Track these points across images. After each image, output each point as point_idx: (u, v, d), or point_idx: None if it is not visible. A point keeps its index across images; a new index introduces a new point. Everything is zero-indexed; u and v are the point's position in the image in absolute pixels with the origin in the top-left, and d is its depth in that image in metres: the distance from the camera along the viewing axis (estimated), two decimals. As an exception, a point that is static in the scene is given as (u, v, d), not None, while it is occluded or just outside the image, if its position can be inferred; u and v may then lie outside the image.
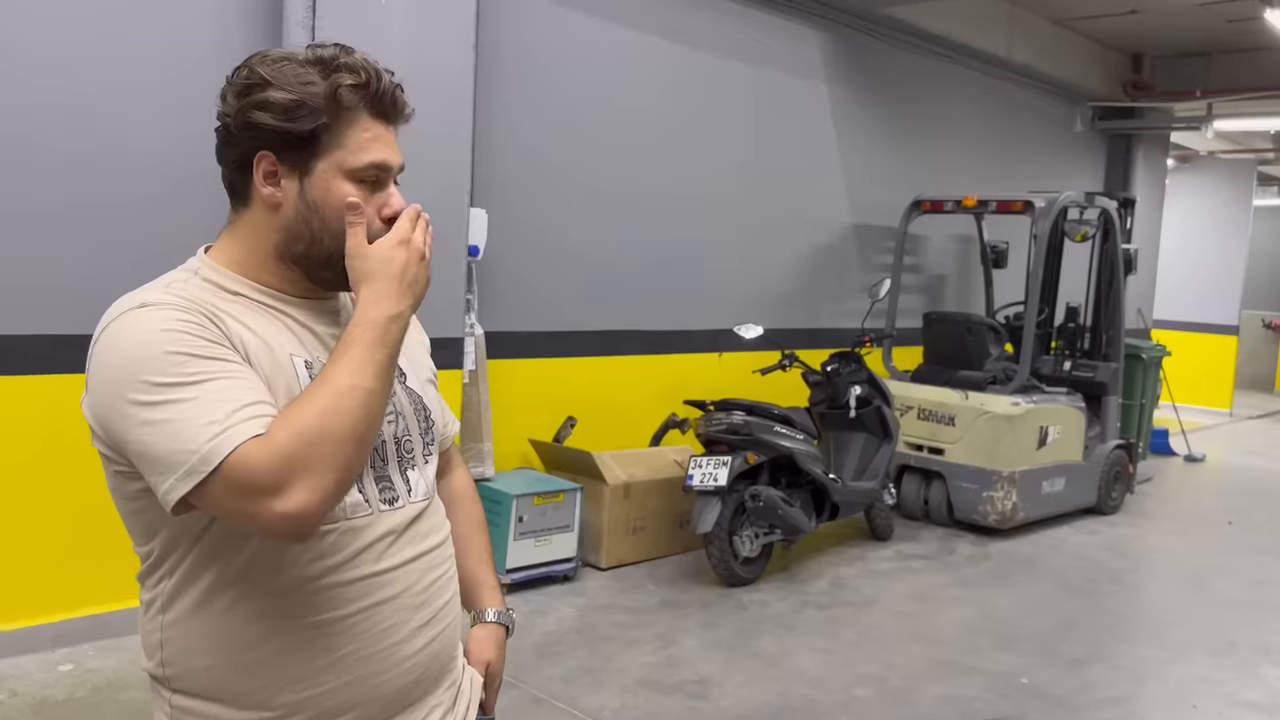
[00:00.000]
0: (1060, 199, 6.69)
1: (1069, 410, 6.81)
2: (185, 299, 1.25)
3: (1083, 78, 9.32)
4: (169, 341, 1.17)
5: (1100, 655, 4.56)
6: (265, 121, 1.27)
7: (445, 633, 1.45)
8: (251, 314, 1.31)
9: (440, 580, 1.44)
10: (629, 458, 5.51)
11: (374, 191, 1.33)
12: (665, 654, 4.27)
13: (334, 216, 1.31)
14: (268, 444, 1.13)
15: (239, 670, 1.30)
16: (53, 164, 3.77)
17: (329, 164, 1.30)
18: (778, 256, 6.94)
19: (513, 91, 5.26)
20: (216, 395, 1.16)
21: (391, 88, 1.33)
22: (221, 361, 1.20)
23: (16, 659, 3.75)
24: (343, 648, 1.32)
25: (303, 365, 1.31)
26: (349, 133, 1.30)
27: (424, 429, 1.46)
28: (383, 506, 1.36)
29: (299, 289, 1.37)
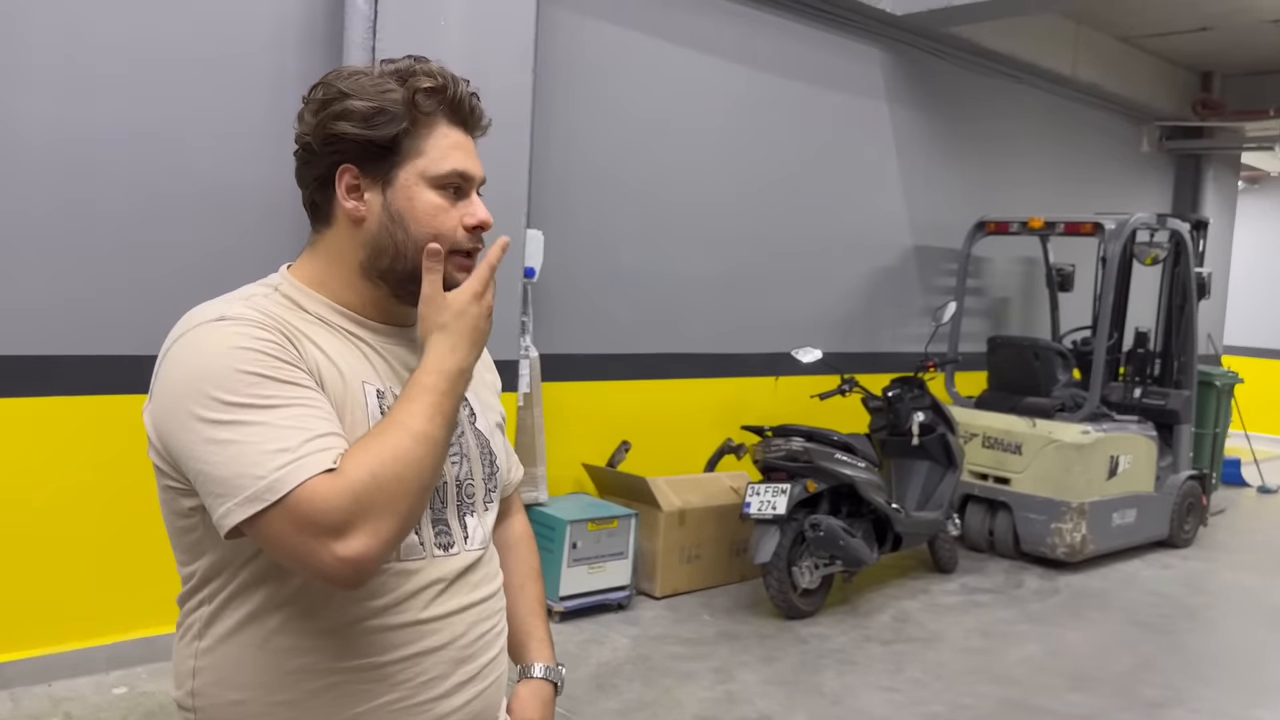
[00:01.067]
0: (1131, 220, 6.49)
1: (1140, 439, 6.58)
2: (264, 314, 1.21)
3: (1150, 97, 9.09)
4: (244, 360, 1.14)
5: (1180, 698, 4.34)
6: (347, 131, 1.25)
7: (488, 691, 1.37)
8: (327, 337, 1.27)
9: (488, 635, 1.37)
10: (684, 483, 5.40)
11: (456, 200, 1.30)
12: (724, 689, 4.14)
13: (418, 227, 1.27)
14: (340, 480, 1.09)
15: (269, 709, 1.23)
16: (116, 190, 3.78)
17: (411, 172, 1.27)
18: (837, 279, 6.81)
19: (570, 112, 5.21)
20: (289, 422, 1.12)
21: (468, 94, 1.32)
22: (296, 386, 1.16)
23: (72, 681, 3.73)
24: (381, 696, 1.25)
25: (374, 394, 1.26)
26: (430, 139, 1.28)
27: (488, 474, 1.41)
28: (437, 551, 1.30)
29: (380, 312, 1.33)
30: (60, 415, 3.71)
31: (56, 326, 3.68)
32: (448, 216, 1.29)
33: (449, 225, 1.29)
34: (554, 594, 4.75)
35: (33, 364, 3.65)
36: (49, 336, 3.67)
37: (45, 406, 3.67)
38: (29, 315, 3.63)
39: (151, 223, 3.86)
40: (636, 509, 5.10)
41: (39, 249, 3.64)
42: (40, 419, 3.66)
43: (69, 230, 3.69)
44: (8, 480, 3.61)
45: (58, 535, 3.73)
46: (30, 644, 3.70)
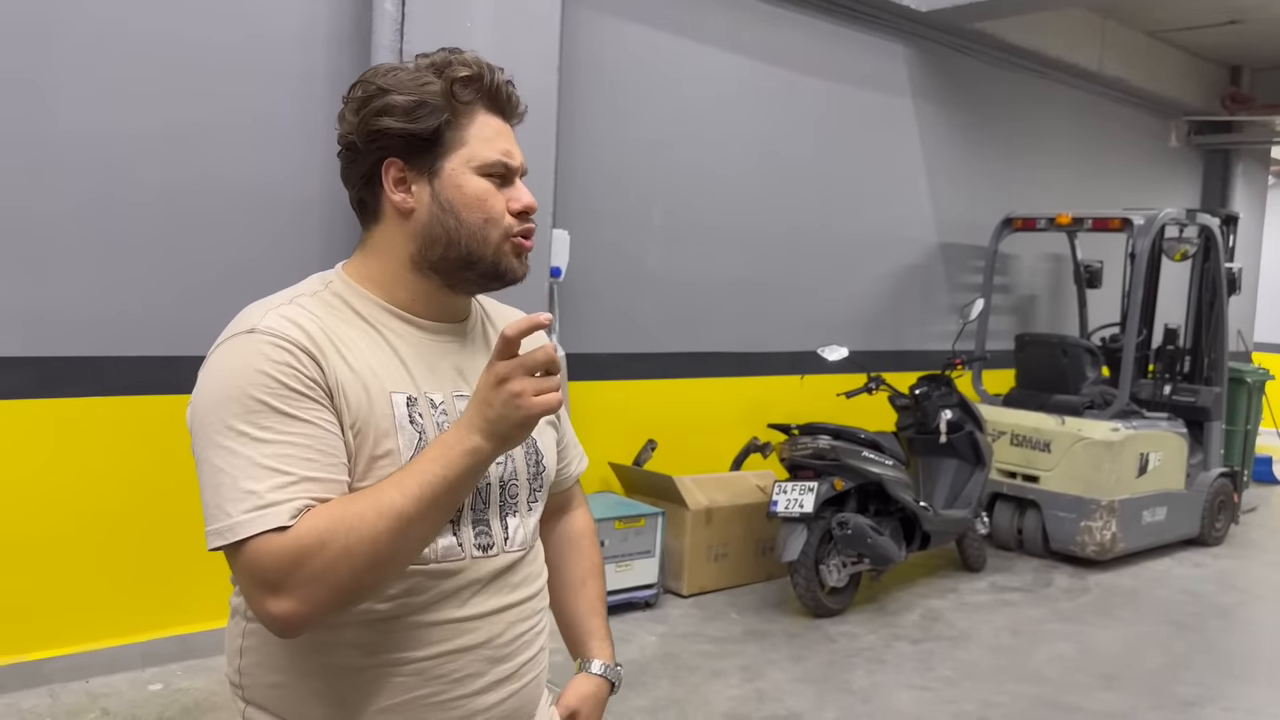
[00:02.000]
0: (1160, 216, 6.43)
1: (1170, 436, 6.52)
2: (296, 324, 1.22)
3: (1178, 91, 8.99)
4: (257, 384, 1.16)
5: (1214, 697, 4.30)
6: (389, 126, 1.26)
7: (525, 690, 1.38)
8: (364, 343, 1.27)
9: (526, 635, 1.38)
10: (710, 482, 5.40)
11: (502, 187, 1.31)
12: (752, 686, 4.14)
13: (469, 212, 1.28)
14: (285, 540, 1.11)
15: (305, 696, 1.26)
16: (147, 193, 3.83)
17: (457, 161, 1.29)
18: (863, 277, 6.79)
19: (595, 112, 5.23)
20: (270, 461, 1.13)
21: (504, 82, 1.33)
22: (296, 420, 1.16)
23: (108, 677, 3.78)
24: (415, 690, 1.27)
25: (404, 402, 1.26)
26: (471, 128, 1.30)
27: (533, 474, 1.40)
28: (476, 553, 1.30)
29: (431, 306, 1.34)
30: (99, 415, 3.76)
31: (94, 328, 3.74)
32: (496, 200, 1.30)
33: (498, 209, 1.30)
34: (582, 592, 4.76)
35: (72, 365, 3.70)
36: (88, 337, 3.72)
37: (84, 407, 3.72)
38: (67, 316, 3.68)
39: (182, 225, 3.91)
40: (663, 507, 5.10)
41: (72, 251, 3.69)
42: (79, 419, 3.71)
43: (102, 233, 3.75)
44: (49, 480, 3.66)
45: (96, 534, 3.78)
46: (68, 641, 3.75)
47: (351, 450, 1.21)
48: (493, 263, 1.31)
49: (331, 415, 1.19)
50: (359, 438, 1.21)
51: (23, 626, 3.66)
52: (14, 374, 3.60)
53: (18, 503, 3.62)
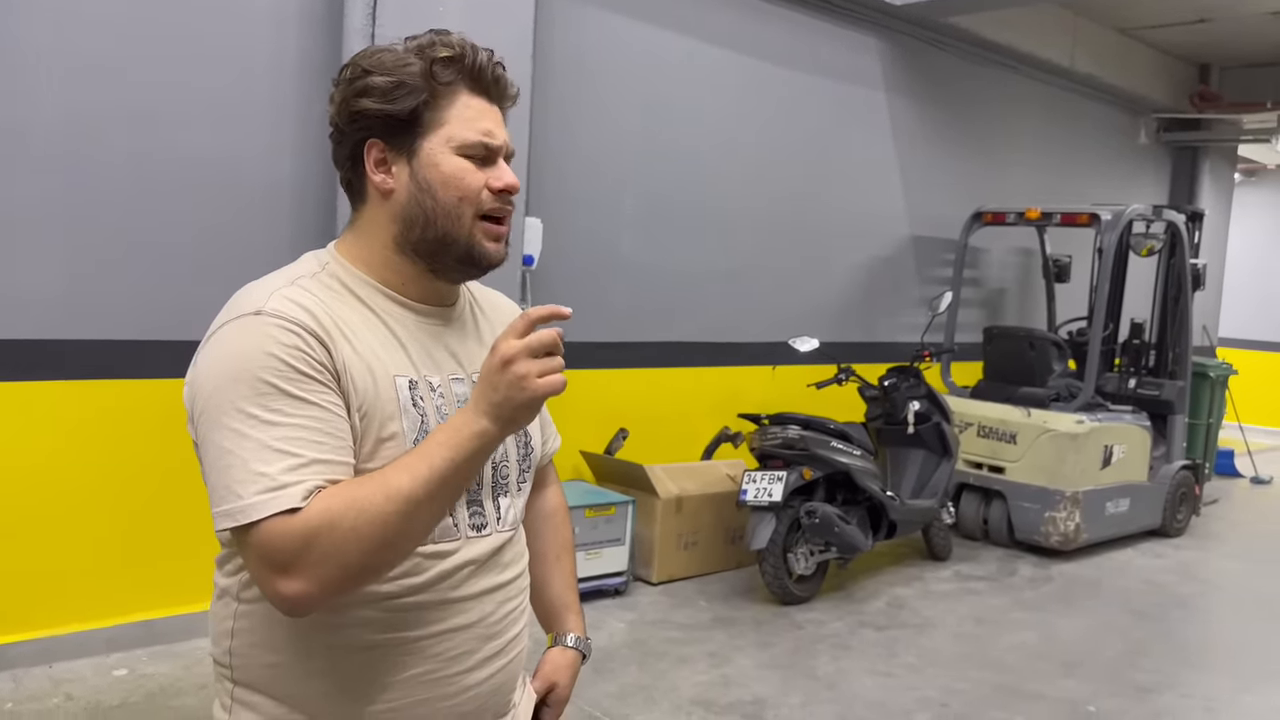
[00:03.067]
0: (1127, 212, 6.51)
1: (1134, 429, 6.62)
2: (302, 306, 1.22)
3: (1148, 88, 9.10)
4: (266, 367, 1.16)
5: (1171, 683, 4.39)
6: (368, 107, 1.27)
7: (510, 665, 1.42)
8: (365, 325, 1.28)
9: (514, 613, 1.42)
10: (681, 471, 5.43)
11: (483, 167, 1.31)
12: (719, 672, 4.18)
13: (445, 193, 1.28)
14: (295, 521, 1.11)
15: (303, 675, 1.27)
16: (115, 173, 3.79)
17: (435, 141, 1.29)
18: (834, 268, 6.83)
19: (569, 100, 5.22)
20: (281, 444, 1.14)
21: (490, 63, 1.32)
22: (305, 403, 1.17)
23: (72, 663, 3.76)
24: (412, 668, 1.29)
25: (405, 385, 1.27)
26: (451, 109, 1.29)
27: (522, 455, 1.42)
28: (470, 533, 1.33)
29: (420, 290, 1.34)
30: (64, 400, 3.73)
31: (60, 311, 3.70)
32: (473, 177, 1.29)
33: (474, 186, 1.29)
34: (551, 579, 4.78)
35: (37, 348, 3.67)
36: (52, 321, 3.69)
37: (49, 391, 3.69)
38: (32, 300, 3.65)
39: (149, 207, 3.88)
40: (634, 496, 5.13)
41: (36, 233, 3.65)
42: (45, 404, 3.68)
43: (66, 214, 3.71)
44: (11, 465, 3.63)
45: (60, 518, 3.75)
46: (32, 626, 3.72)
47: (358, 433, 1.22)
48: (467, 246, 1.30)
49: (338, 398, 1.20)
50: (365, 420, 1.22)
51: (-15, 611, 3.63)
52: (-23, 356, 3.57)
53: (-19, 486, 3.59)
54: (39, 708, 3.44)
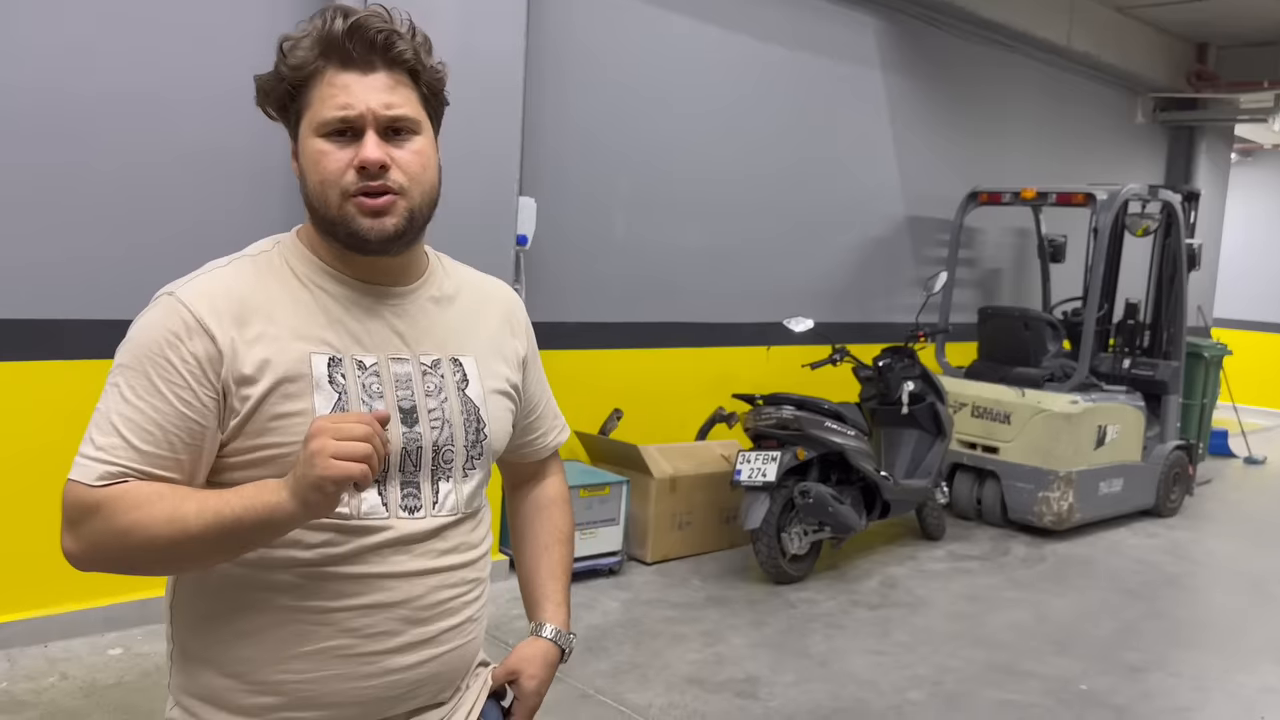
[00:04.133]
0: (1123, 191, 6.50)
1: (1128, 409, 6.63)
2: (210, 294, 1.27)
3: (1145, 68, 9.06)
4: (147, 348, 1.25)
5: (1161, 662, 4.42)
6: (260, 103, 1.34)
7: (446, 656, 1.39)
8: (293, 303, 1.30)
9: (452, 603, 1.39)
10: (675, 451, 5.44)
11: (351, 143, 1.28)
12: (713, 651, 4.20)
13: (311, 178, 1.30)
14: (87, 495, 1.22)
15: (230, 636, 1.30)
16: (103, 155, 3.77)
17: (305, 127, 1.30)
18: (829, 249, 6.82)
19: (563, 78, 5.20)
20: (117, 420, 1.24)
21: (353, 29, 1.25)
22: (157, 392, 1.23)
23: (67, 642, 3.77)
24: (329, 639, 1.30)
25: (323, 363, 1.28)
26: (315, 90, 1.28)
27: (471, 441, 1.40)
28: (401, 513, 1.32)
29: (356, 268, 1.35)
30: (56, 379, 3.72)
31: (51, 290, 3.69)
32: (329, 160, 1.28)
33: (331, 168, 1.27)
34: (546, 559, 4.79)
35: (29, 327, 3.66)
36: (44, 300, 3.68)
37: (41, 370, 3.68)
38: (23, 279, 3.63)
39: (139, 188, 3.86)
40: (628, 476, 5.14)
41: (27, 213, 3.64)
42: (36, 383, 3.67)
43: (57, 195, 3.69)
44: (7, 443, 3.62)
45: (55, 498, 3.74)
46: (27, 605, 3.73)
47: (240, 415, 1.25)
48: (342, 225, 1.29)
49: (196, 396, 1.23)
50: (265, 397, 1.24)
51: (-20, 591, 3.64)
52: (-31, 336, 3.56)
53: (-26, 466, 3.59)
54: (34, 687, 3.45)
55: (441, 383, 1.35)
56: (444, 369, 1.37)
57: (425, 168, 1.32)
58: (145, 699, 3.43)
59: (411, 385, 1.33)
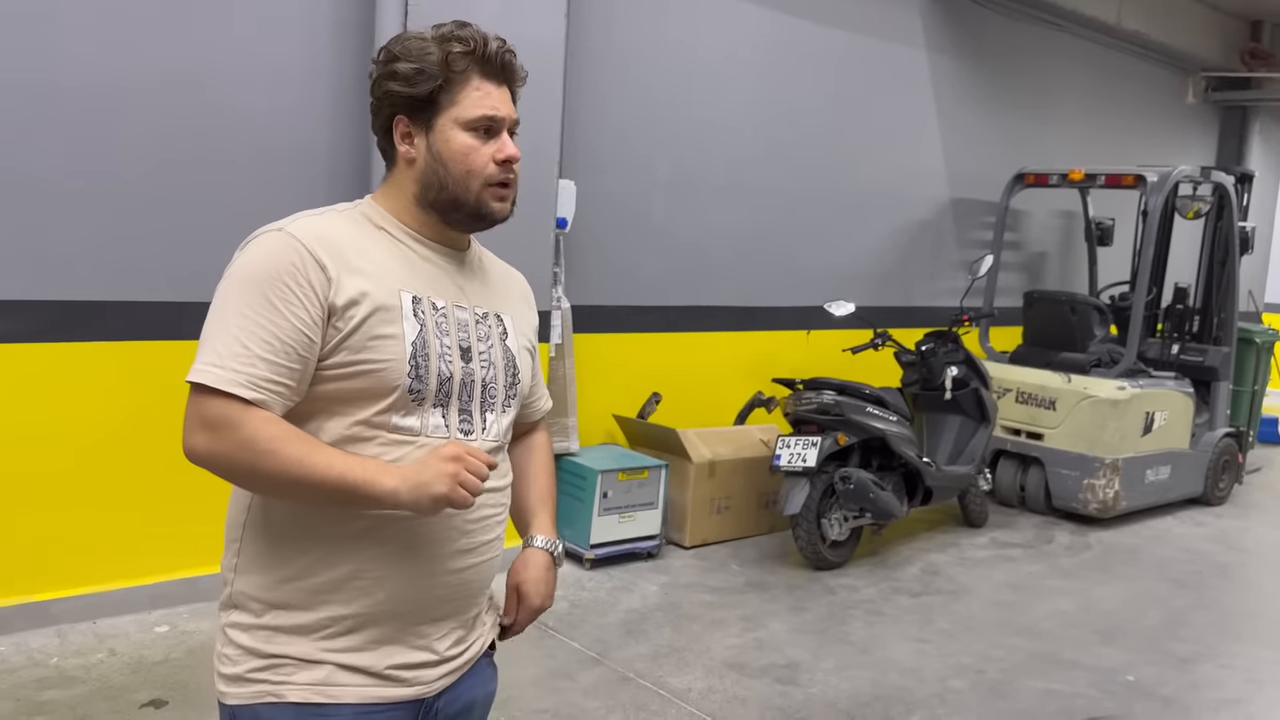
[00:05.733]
0: (1174, 173, 6.35)
1: (1176, 395, 6.50)
2: (319, 234, 1.46)
3: (1197, 46, 8.84)
4: (262, 271, 1.41)
5: (1211, 654, 4.34)
6: (395, 89, 1.52)
7: (481, 566, 1.59)
8: (383, 249, 1.52)
9: (489, 520, 1.59)
10: (714, 436, 5.42)
11: (488, 140, 1.54)
12: (752, 636, 4.18)
13: (454, 164, 1.53)
14: (235, 411, 1.36)
15: (302, 538, 1.47)
16: (151, 137, 3.80)
17: (447, 119, 1.53)
18: (871, 232, 6.74)
19: (603, 63, 5.16)
20: (240, 332, 1.38)
21: (500, 52, 1.55)
22: (275, 310, 1.39)
23: (115, 619, 3.83)
24: (390, 539, 1.47)
25: (409, 299, 1.49)
26: (462, 92, 1.53)
27: (509, 382, 1.63)
28: (459, 434, 1.54)
29: (434, 234, 1.58)
30: (105, 360, 3.77)
31: (98, 272, 3.73)
32: (478, 154, 1.53)
33: (480, 161, 1.53)
34: (584, 542, 4.81)
35: (77, 309, 3.71)
36: (92, 282, 3.72)
37: (91, 351, 3.73)
38: (71, 260, 3.68)
39: (184, 170, 3.89)
40: (667, 460, 5.12)
41: (75, 195, 3.68)
42: (86, 363, 3.72)
43: (104, 177, 3.73)
44: (56, 424, 3.68)
45: (103, 477, 3.81)
46: (76, 583, 3.80)
47: (341, 334, 1.43)
48: (475, 206, 1.55)
49: (310, 316, 1.41)
50: (366, 319, 1.44)
51: (32, 568, 3.70)
52: (21, 318, 3.61)
53: (26, 446, 3.64)
54: (84, 663, 3.51)
55: (489, 331, 1.60)
56: (491, 321, 1.61)
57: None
58: (192, 676, 3.48)
59: (468, 330, 1.56)
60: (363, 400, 1.45)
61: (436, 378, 1.48)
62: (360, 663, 1.48)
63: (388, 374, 1.44)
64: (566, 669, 3.76)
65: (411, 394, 1.46)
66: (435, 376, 1.48)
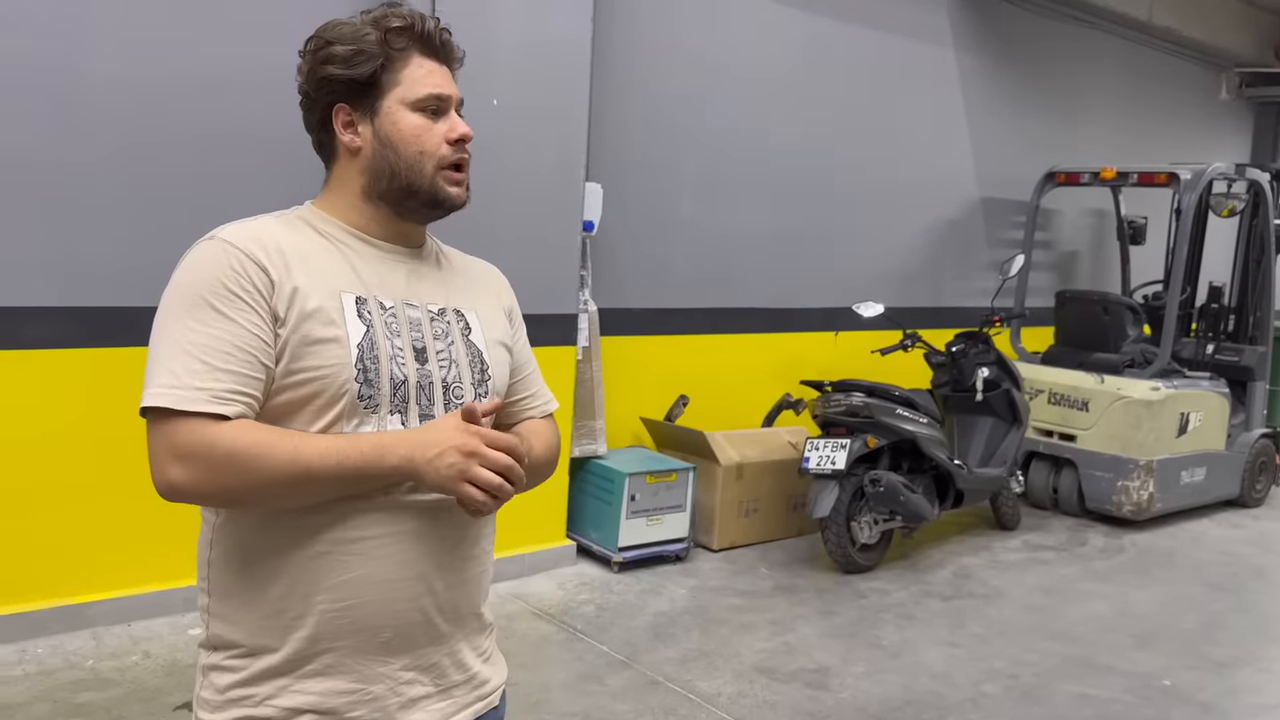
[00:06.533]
0: (1208, 171, 6.27)
1: (1212, 396, 6.41)
2: (256, 238, 1.38)
3: (1230, 41, 8.72)
4: (204, 284, 1.34)
5: (1250, 658, 4.27)
6: (333, 73, 1.44)
7: (465, 582, 1.48)
8: (324, 253, 1.43)
9: (467, 536, 1.47)
10: (742, 438, 5.39)
11: (437, 120, 1.46)
12: (782, 640, 4.16)
13: (405, 146, 1.44)
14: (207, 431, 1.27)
15: (265, 576, 1.38)
16: (179, 143, 3.84)
17: (392, 100, 1.45)
18: (900, 231, 6.69)
19: (629, 63, 5.16)
20: (193, 348, 1.30)
21: (437, 29, 1.47)
22: (225, 318, 1.32)
23: (150, 621, 3.87)
24: (356, 569, 1.37)
25: (352, 300, 1.41)
26: (405, 71, 1.45)
27: (477, 379, 1.52)
28: None
29: (385, 230, 1.49)
30: (137, 365, 3.79)
31: (130, 278, 3.77)
32: (430, 134, 1.45)
33: (432, 142, 1.45)
34: (612, 545, 4.80)
35: (110, 315, 3.75)
36: (124, 288, 3.76)
37: (123, 356, 3.76)
38: (103, 267, 3.72)
39: (212, 175, 3.91)
40: (695, 463, 5.11)
41: (106, 201, 3.72)
42: (118, 368, 3.76)
43: (134, 183, 3.77)
44: (91, 428, 3.72)
45: (137, 481, 3.83)
46: (111, 586, 3.84)
47: (282, 343, 1.35)
48: (430, 191, 1.46)
49: (259, 318, 1.33)
50: (304, 323, 1.35)
51: (68, 571, 3.74)
52: (54, 324, 3.65)
53: (61, 450, 3.69)
54: (119, 665, 3.55)
55: (447, 328, 1.49)
56: (450, 317, 1.51)
57: None
58: (224, 679, 3.49)
59: (422, 329, 1.46)
60: (311, 411, 1.35)
61: (389, 381, 1.38)
62: (330, 705, 1.38)
63: (332, 379, 1.34)
64: (595, 672, 3.76)
65: (362, 400, 1.36)
66: (388, 380, 1.38)
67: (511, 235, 4.30)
